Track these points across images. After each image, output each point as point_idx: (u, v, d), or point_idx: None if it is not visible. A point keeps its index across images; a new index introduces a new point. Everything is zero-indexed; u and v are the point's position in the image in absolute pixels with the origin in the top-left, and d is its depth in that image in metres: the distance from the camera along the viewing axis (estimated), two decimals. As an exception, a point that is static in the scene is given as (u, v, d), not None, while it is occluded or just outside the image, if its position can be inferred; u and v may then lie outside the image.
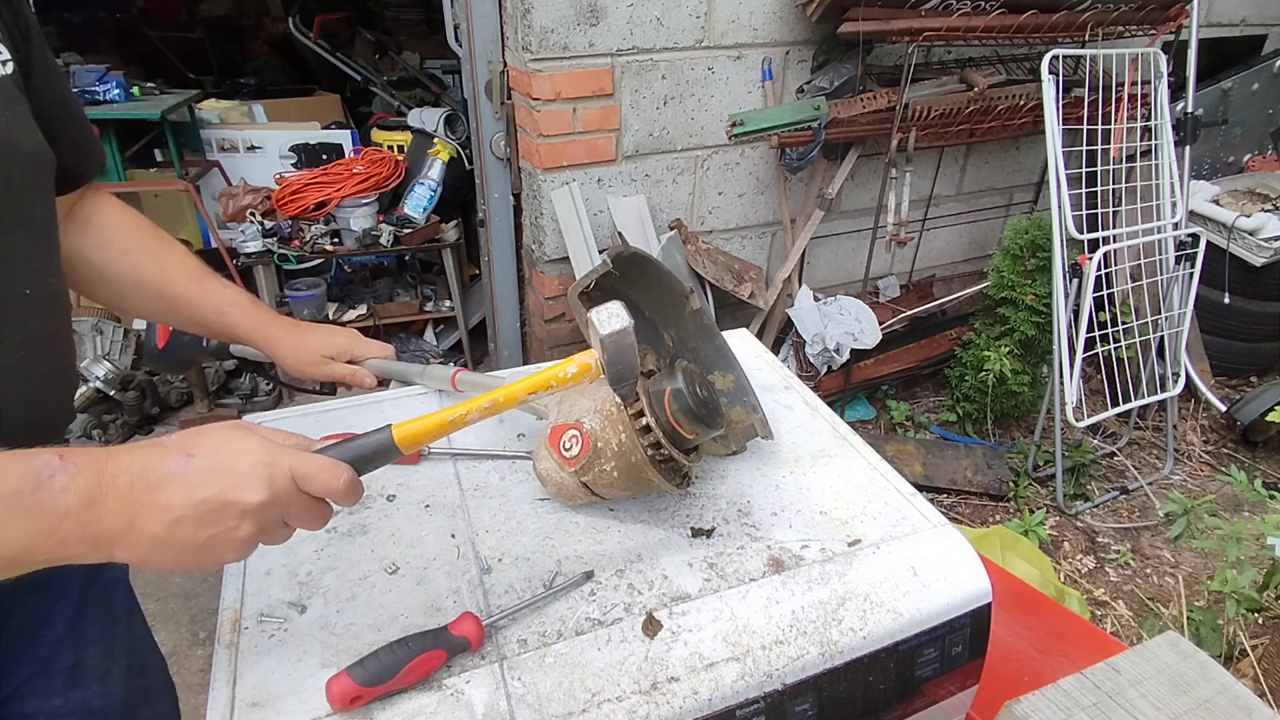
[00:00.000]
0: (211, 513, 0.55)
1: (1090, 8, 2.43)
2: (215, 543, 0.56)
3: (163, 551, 0.55)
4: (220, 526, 0.55)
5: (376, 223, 3.08)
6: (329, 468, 0.60)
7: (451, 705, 0.65)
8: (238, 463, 0.57)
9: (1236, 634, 1.83)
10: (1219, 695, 0.72)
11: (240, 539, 0.56)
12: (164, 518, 0.54)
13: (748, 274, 2.69)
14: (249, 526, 0.56)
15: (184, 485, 0.55)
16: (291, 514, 0.60)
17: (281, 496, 0.58)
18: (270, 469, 0.57)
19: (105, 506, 0.53)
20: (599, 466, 0.80)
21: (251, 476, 0.56)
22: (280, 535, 0.60)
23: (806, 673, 0.72)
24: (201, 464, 0.56)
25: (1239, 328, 3.10)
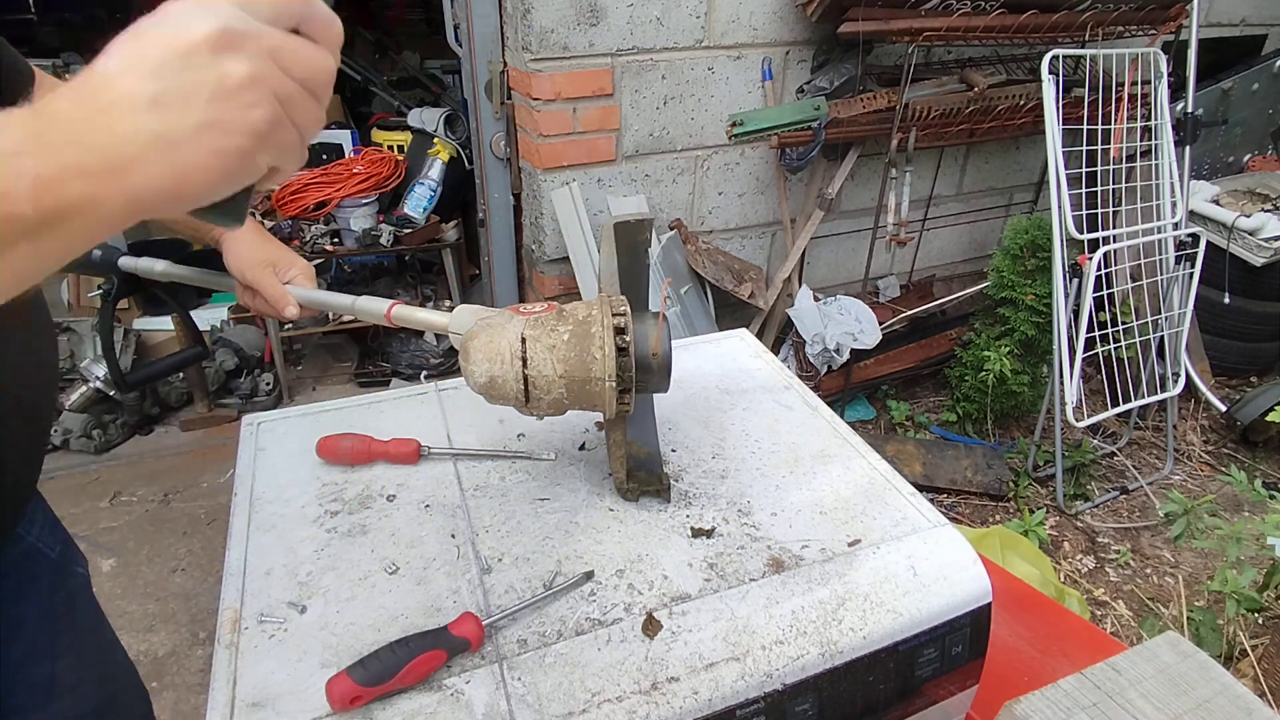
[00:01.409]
0: (179, 70, 0.40)
1: (1090, 8, 2.43)
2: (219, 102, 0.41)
3: (179, 149, 0.40)
4: (204, 80, 0.40)
5: (376, 223, 3.08)
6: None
7: (451, 705, 0.65)
8: (159, 17, 0.41)
9: (1236, 634, 1.83)
10: (1219, 695, 0.72)
11: (237, 82, 0.41)
12: (139, 107, 0.39)
13: (748, 274, 2.69)
14: (232, 63, 0.41)
15: (125, 68, 0.40)
16: (277, 49, 0.43)
17: (237, 22, 0.42)
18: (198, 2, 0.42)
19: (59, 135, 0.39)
20: (552, 325, 0.76)
21: (183, 14, 0.41)
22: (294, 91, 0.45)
23: (806, 673, 0.72)
24: (125, 46, 0.41)
25: (1239, 328, 3.10)
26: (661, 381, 0.81)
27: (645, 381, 0.80)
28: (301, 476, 0.93)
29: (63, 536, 0.93)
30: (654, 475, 0.89)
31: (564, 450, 0.99)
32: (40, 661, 0.83)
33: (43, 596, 0.85)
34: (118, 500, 2.57)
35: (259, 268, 0.95)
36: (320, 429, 1.01)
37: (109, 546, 2.37)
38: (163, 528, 2.46)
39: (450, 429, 1.02)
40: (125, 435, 2.88)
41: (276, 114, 0.43)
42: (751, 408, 1.07)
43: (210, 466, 2.74)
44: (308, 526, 0.85)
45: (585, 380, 0.76)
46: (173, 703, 1.91)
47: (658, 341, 0.79)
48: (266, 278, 0.94)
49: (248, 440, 1.00)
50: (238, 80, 0.41)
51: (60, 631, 0.86)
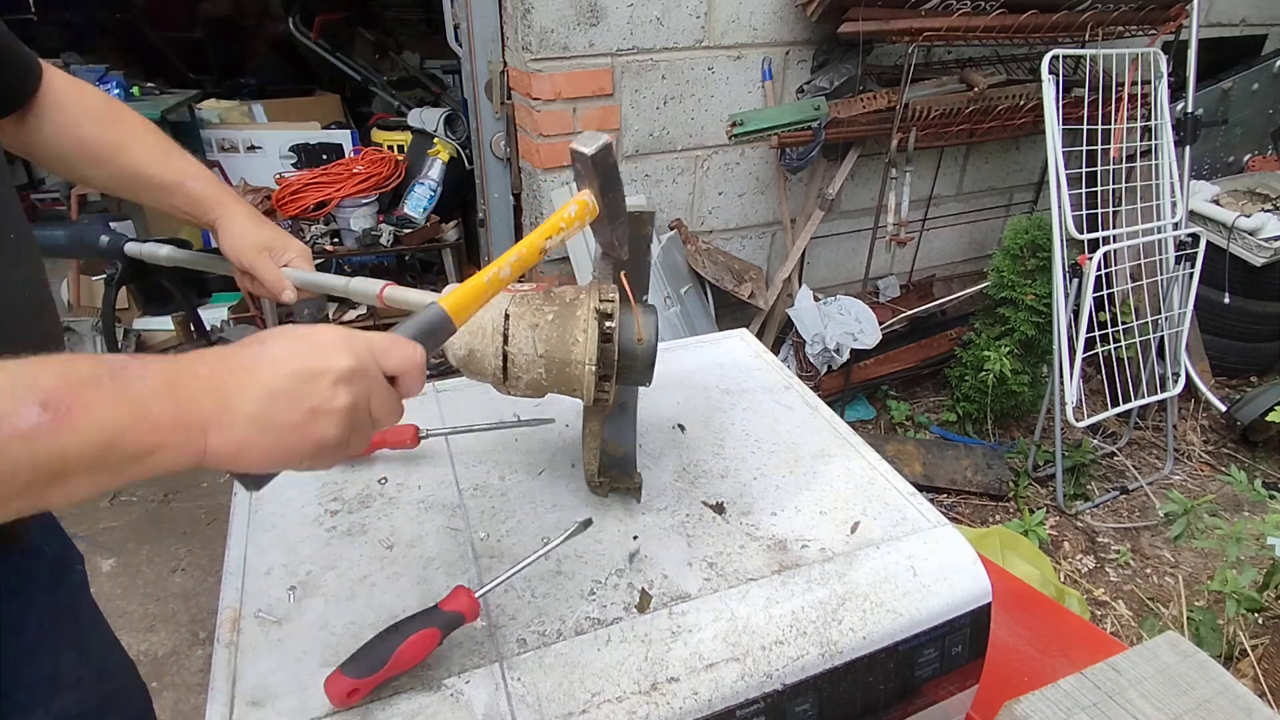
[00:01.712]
0: (304, 383, 0.52)
1: (1090, 8, 2.43)
2: (315, 417, 0.52)
3: (262, 432, 0.51)
4: (316, 398, 0.52)
5: (376, 223, 3.08)
6: (402, 342, 0.59)
7: (451, 705, 0.65)
8: (316, 338, 0.55)
9: (1236, 634, 1.83)
10: (1219, 695, 0.72)
11: (338, 409, 0.53)
12: (257, 394, 0.51)
13: (748, 274, 2.69)
14: (344, 395, 0.53)
15: (269, 363, 0.52)
16: (375, 394, 0.56)
17: (367, 365, 0.55)
18: (349, 340, 0.55)
19: (190, 390, 0.49)
20: (537, 304, 0.77)
21: (334, 346, 0.54)
22: (364, 426, 0.56)
23: (806, 673, 0.72)
24: (279, 346, 0.54)
25: (1239, 328, 3.10)
26: (644, 374, 0.80)
27: (628, 370, 0.79)
28: (301, 476, 0.93)
29: (60, 535, 0.93)
30: (626, 475, 0.88)
31: (566, 450, 0.99)
32: (41, 658, 0.83)
33: (42, 594, 0.85)
34: (118, 500, 2.57)
35: (255, 252, 0.95)
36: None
37: (109, 546, 2.37)
38: (163, 528, 2.46)
39: (444, 415, 1.02)
40: (125, 435, 2.87)
41: (342, 439, 0.54)
42: (751, 408, 1.07)
43: (210, 466, 2.74)
44: (307, 526, 0.85)
45: (565, 362, 0.75)
46: (173, 703, 1.91)
47: (642, 330, 0.78)
48: (263, 262, 0.94)
49: (248, 440, 1.00)
50: (337, 407, 0.53)
51: (61, 628, 0.86)
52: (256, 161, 3.67)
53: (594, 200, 0.79)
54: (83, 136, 0.89)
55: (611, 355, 0.76)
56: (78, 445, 0.45)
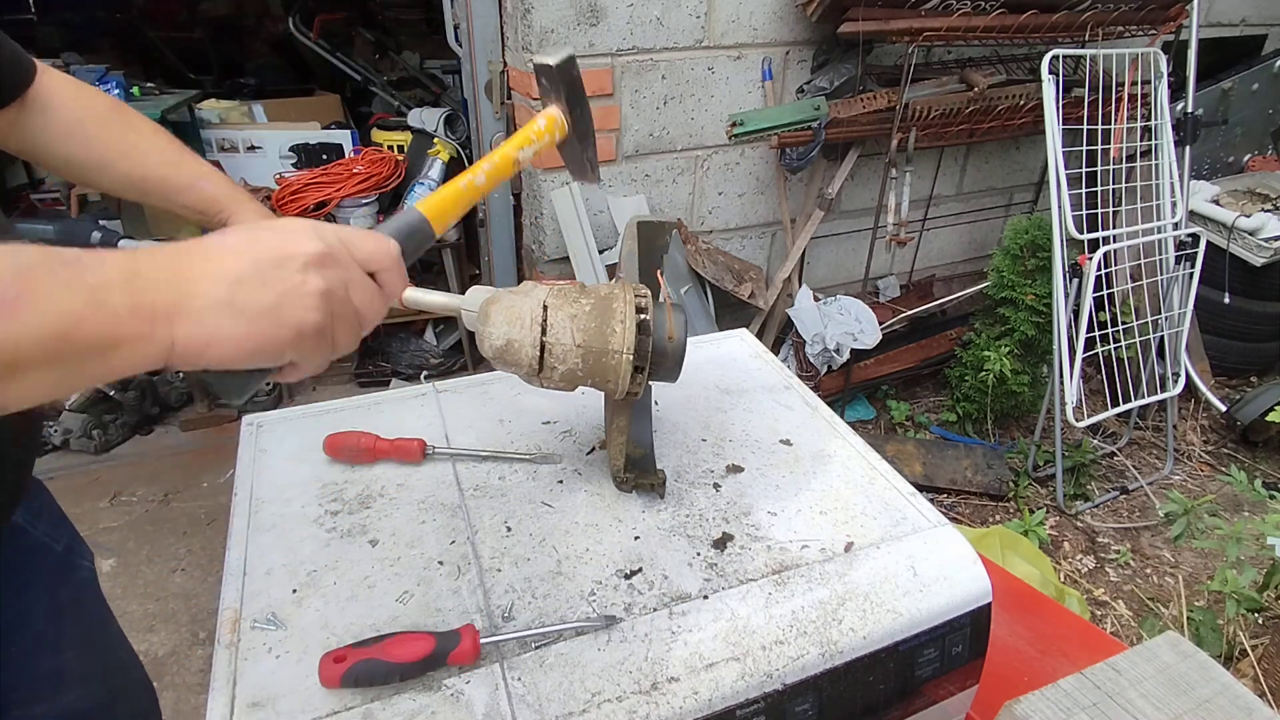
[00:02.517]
0: (271, 268, 0.50)
1: (1090, 8, 2.43)
2: (288, 300, 0.50)
3: (233, 318, 0.49)
4: (286, 281, 0.50)
5: (376, 223, 3.08)
6: (375, 235, 0.58)
7: (451, 705, 0.65)
8: (279, 225, 0.53)
9: (1236, 634, 1.83)
10: (1219, 695, 0.72)
11: (312, 292, 0.51)
12: (222, 281, 0.49)
13: (748, 274, 2.69)
14: (316, 279, 0.51)
15: (231, 250, 0.50)
16: (353, 283, 0.55)
17: (338, 252, 0.54)
18: (316, 228, 0.54)
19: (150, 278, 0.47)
20: (574, 297, 0.77)
21: (299, 231, 0.53)
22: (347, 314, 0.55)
23: (806, 673, 0.72)
24: (240, 235, 0.52)
25: (1239, 328, 3.10)
26: (673, 369, 0.80)
27: (659, 365, 0.80)
28: (301, 476, 0.93)
29: (69, 531, 0.93)
30: (649, 472, 0.89)
31: (568, 454, 0.99)
32: (47, 654, 0.84)
33: (48, 590, 0.85)
34: (118, 500, 2.57)
35: None
36: (320, 429, 1.01)
37: (109, 546, 2.37)
38: (163, 528, 2.46)
39: (448, 429, 1.02)
40: (125, 435, 2.88)
41: (325, 325, 0.52)
42: (751, 408, 1.07)
43: (210, 466, 2.74)
44: (308, 526, 0.85)
45: (603, 352, 0.75)
46: (173, 703, 1.91)
47: (673, 328, 0.79)
48: None
49: (248, 440, 1.00)
50: (311, 289, 0.51)
51: (66, 624, 0.86)
52: (256, 161, 3.66)
53: (563, 116, 0.79)
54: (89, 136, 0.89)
55: (647, 347, 0.77)
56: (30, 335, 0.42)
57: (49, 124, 0.87)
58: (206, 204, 0.94)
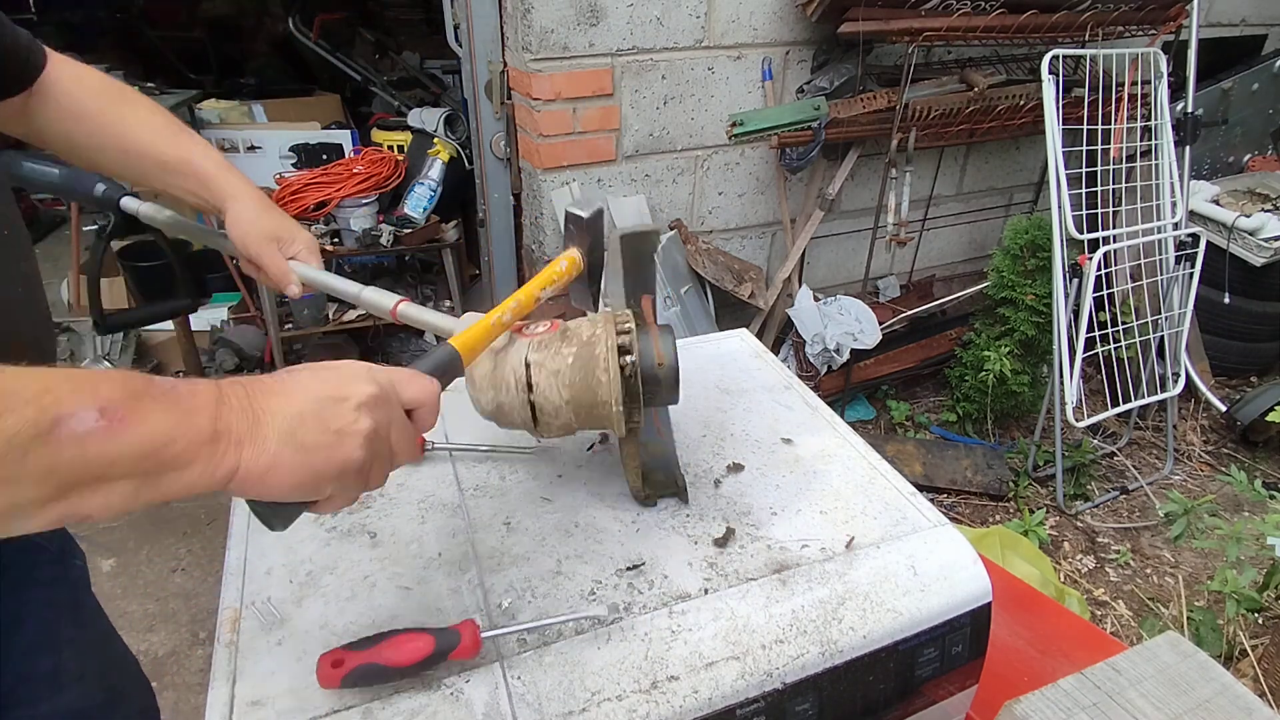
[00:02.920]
0: (330, 406, 0.55)
1: (1090, 8, 2.43)
2: (340, 438, 0.55)
3: (291, 450, 0.53)
4: (341, 420, 0.55)
5: (376, 223, 3.08)
6: (421, 377, 0.62)
7: (451, 704, 0.65)
8: (342, 368, 0.58)
9: (1236, 634, 1.83)
10: (1219, 695, 0.72)
11: (361, 431, 0.56)
12: (286, 414, 0.54)
13: (748, 274, 2.69)
14: (367, 419, 0.56)
15: (297, 388, 0.56)
16: (395, 423, 0.59)
17: (389, 394, 0.59)
18: (372, 370, 0.59)
19: (229, 406, 0.52)
20: (556, 348, 0.78)
21: (356, 375, 0.58)
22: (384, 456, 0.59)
23: (806, 672, 0.72)
24: (307, 374, 0.57)
25: (1239, 328, 3.11)
26: (670, 393, 0.81)
27: (653, 395, 0.80)
28: (301, 476, 0.93)
29: (61, 531, 0.93)
30: (670, 478, 0.89)
31: (569, 452, 0.99)
32: (43, 653, 0.83)
33: (43, 589, 0.85)
34: (118, 500, 2.57)
35: (262, 242, 0.93)
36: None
37: (109, 546, 2.37)
38: (163, 528, 2.46)
39: (447, 426, 1.02)
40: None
41: (364, 463, 0.57)
42: (751, 408, 1.07)
43: (210, 466, 2.74)
44: (308, 526, 0.85)
45: (592, 405, 0.77)
46: (173, 703, 1.91)
47: (661, 354, 0.79)
48: (269, 253, 0.93)
49: (248, 440, 1.00)
50: (360, 429, 0.56)
51: (63, 624, 0.86)
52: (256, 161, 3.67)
53: (582, 259, 0.89)
54: (85, 114, 0.88)
55: (636, 388, 0.77)
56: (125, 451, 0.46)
57: (49, 106, 0.87)
58: (202, 186, 0.92)
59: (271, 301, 3.02)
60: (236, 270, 3.24)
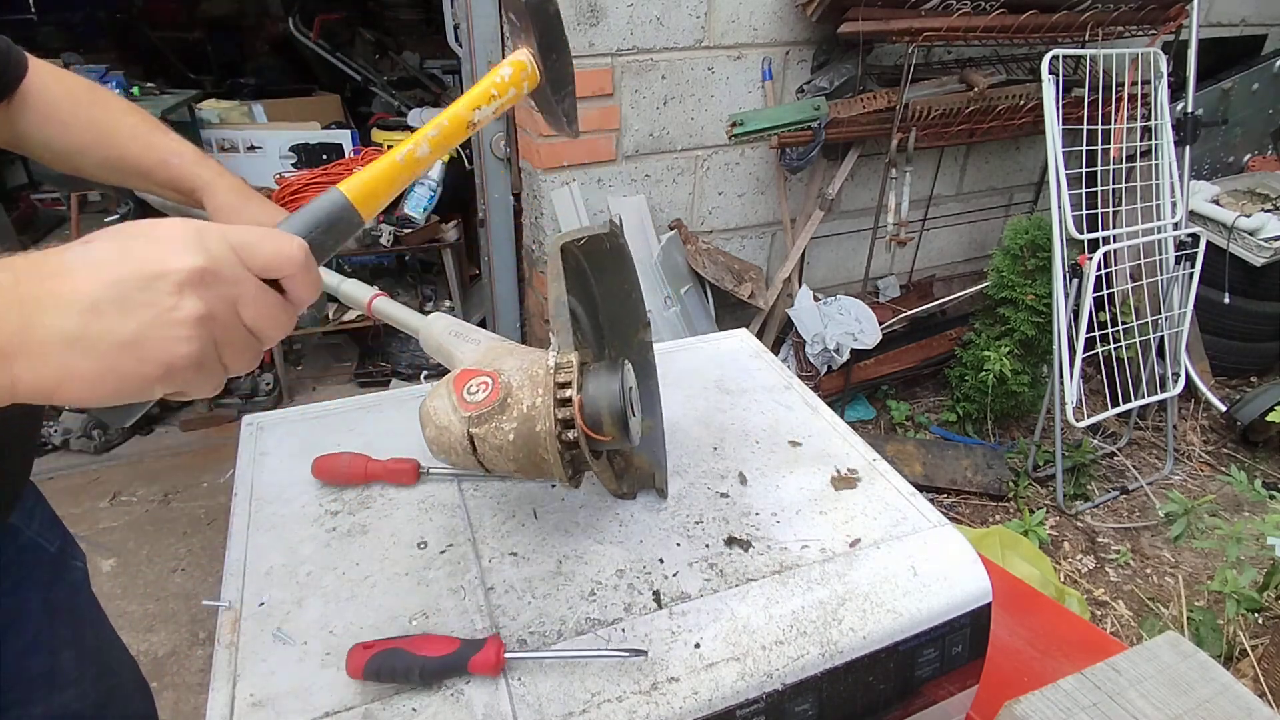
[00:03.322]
0: (136, 289, 0.41)
1: (1090, 8, 2.43)
2: (153, 330, 0.41)
3: (83, 356, 0.40)
4: (154, 306, 0.41)
5: (376, 223, 3.08)
6: (275, 234, 0.48)
7: (452, 705, 0.65)
8: (154, 233, 0.43)
9: (1236, 634, 1.83)
10: (1219, 695, 0.72)
11: (186, 319, 0.42)
12: (74, 308, 0.40)
13: (748, 274, 2.69)
14: (192, 302, 0.42)
15: (91, 266, 0.41)
16: (245, 296, 0.45)
17: (223, 265, 0.44)
18: (199, 233, 0.44)
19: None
20: (497, 422, 0.70)
21: (176, 241, 0.43)
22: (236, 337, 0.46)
23: (806, 673, 0.72)
24: (106, 244, 0.42)
25: (1239, 328, 3.11)
26: (622, 438, 0.70)
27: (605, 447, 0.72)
28: (302, 476, 0.93)
29: (62, 532, 0.93)
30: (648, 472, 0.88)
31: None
32: (41, 654, 0.83)
33: (42, 589, 0.85)
34: (118, 500, 2.58)
35: None
36: (320, 429, 1.01)
37: (109, 546, 2.37)
38: (163, 528, 2.46)
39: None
40: (125, 435, 2.88)
41: (204, 355, 0.43)
42: (751, 408, 1.07)
43: (210, 466, 2.74)
44: (308, 526, 0.85)
45: (540, 471, 0.72)
46: (173, 703, 1.91)
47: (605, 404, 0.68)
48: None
49: (248, 440, 1.00)
50: (184, 316, 0.42)
51: (60, 624, 0.86)
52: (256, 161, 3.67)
53: (533, 61, 0.66)
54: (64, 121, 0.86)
55: (583, 458, 0.71)
56: None
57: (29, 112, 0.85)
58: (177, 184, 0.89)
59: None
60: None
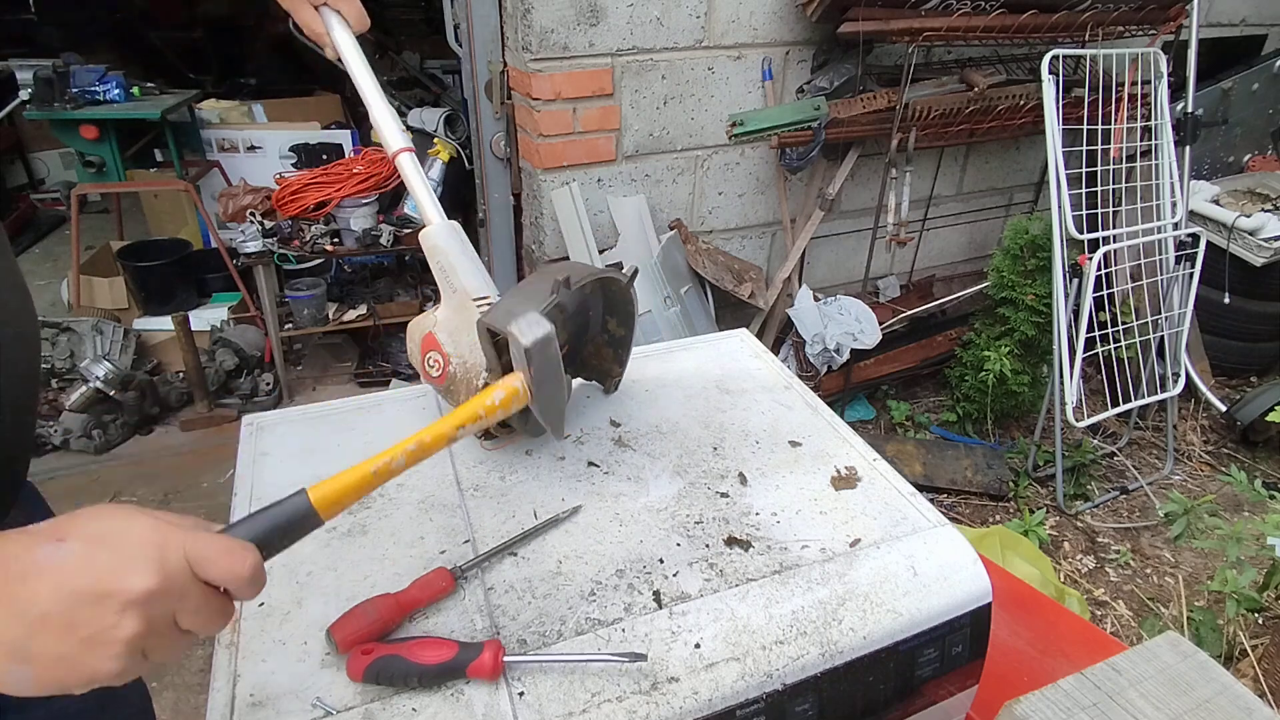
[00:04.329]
0: (86, 606, 0.43)
1: (1090, 8, 2.43)
2: (88, 648, 0.44)
3: (18, 665, 0.44)
4: (96, 625, 0.44)
5: (376, 223, 3.08)
6: (233, 549, 0.50)
7: (452, 705, 0.65)
8: (122, 543, 0.46)
9: (1236, 634, 1.83)
10: (1219, 695, 0.72)
11: (121, 640, 0.44)
12: (25, 617, 0.43)
13: (748, 274, 2.69)
14: (132, 623, 0.44)
15: (53, 574, 0.43)
16: (186, 608, 0.48)
17: (174, 583, 0.46)
18: (161, 549, 0.46)
19: None
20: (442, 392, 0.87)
21: (138, 559, 0.45)
22: (167, 644, 0.48)
23: (806, 673, 0.72)
24: (75, 548, 0.45)
25: (1239, 328, 3.11)
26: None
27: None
28: (302, 476, 0.92)
29: None
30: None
31: (569, 453, 0.99)
32: None
33: None
34: (118, 500, 2.58)
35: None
36: (320, 430, 1.01)
37: (109, 546, 2.37)
38: (163, 528, 2.46)
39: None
40: (125, 435, 2.88)
41: (128, 667, 0.46)
42: (751, 408, 1.07)
43: (210, 466, 2.74)
44: (308, 526, 0.85)
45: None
46: (173, 703, 1.91)
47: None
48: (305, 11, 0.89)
49: (248, 440, 1.00)
50: (120, 636, 0.44)
51: None
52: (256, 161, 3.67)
53: (526, 389, 0.71)
54: None
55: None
56: None
57: None
58: None
59: (271, 301, 3.02)
60: (236, 270, 3.24)
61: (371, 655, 0.65)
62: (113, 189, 3.56)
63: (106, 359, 2.81)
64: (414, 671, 0.65)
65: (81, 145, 3.34)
